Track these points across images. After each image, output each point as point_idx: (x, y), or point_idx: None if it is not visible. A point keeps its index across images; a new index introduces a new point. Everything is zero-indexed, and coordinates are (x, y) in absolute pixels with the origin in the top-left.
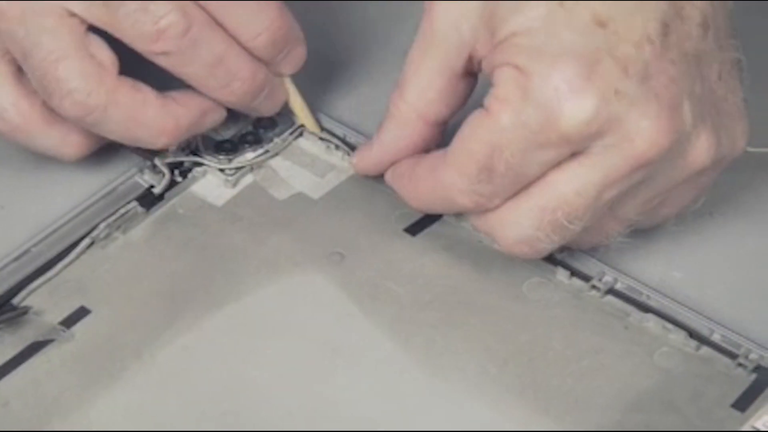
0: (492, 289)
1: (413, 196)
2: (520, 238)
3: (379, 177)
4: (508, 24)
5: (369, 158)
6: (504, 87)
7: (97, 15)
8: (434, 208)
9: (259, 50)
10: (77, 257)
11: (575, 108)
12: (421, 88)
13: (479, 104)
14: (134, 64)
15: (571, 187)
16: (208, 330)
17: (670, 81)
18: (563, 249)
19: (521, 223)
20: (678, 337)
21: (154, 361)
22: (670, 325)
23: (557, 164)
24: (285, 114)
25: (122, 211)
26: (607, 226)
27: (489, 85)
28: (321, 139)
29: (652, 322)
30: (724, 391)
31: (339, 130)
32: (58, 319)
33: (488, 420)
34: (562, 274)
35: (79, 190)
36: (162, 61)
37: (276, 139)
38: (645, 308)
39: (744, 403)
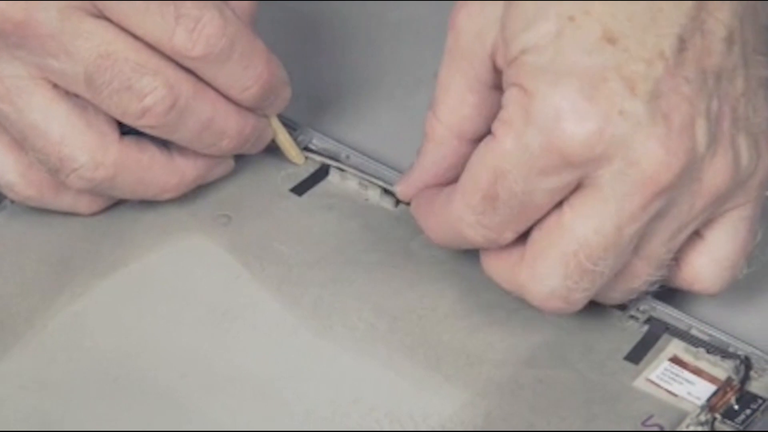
0: (380, 247)
1: (430, 229)
2: (551, 291)
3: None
4: (519, 40)
5: (411, 183)
6: (509, 109)
7: (79, 92)
8: (450, 243)
9: (248, 102)
10: None
11: (576, 129)
12: (454, 105)
13: None
14: None
15: (588, 226)
16: (99, 296)
17: (682, 99)
18: None
19: (549, 274)
20: None
21: (46, 329)
22: None
23: (571, 204)
24: None
25: None
26: (637, 270)
27: None
28: None
29: None
30: (617, 343)
31: None
32: None
33: (379, 378)
34: None
35: None
36: (148, 131)
37: None
38: None
39: (637, 355)
